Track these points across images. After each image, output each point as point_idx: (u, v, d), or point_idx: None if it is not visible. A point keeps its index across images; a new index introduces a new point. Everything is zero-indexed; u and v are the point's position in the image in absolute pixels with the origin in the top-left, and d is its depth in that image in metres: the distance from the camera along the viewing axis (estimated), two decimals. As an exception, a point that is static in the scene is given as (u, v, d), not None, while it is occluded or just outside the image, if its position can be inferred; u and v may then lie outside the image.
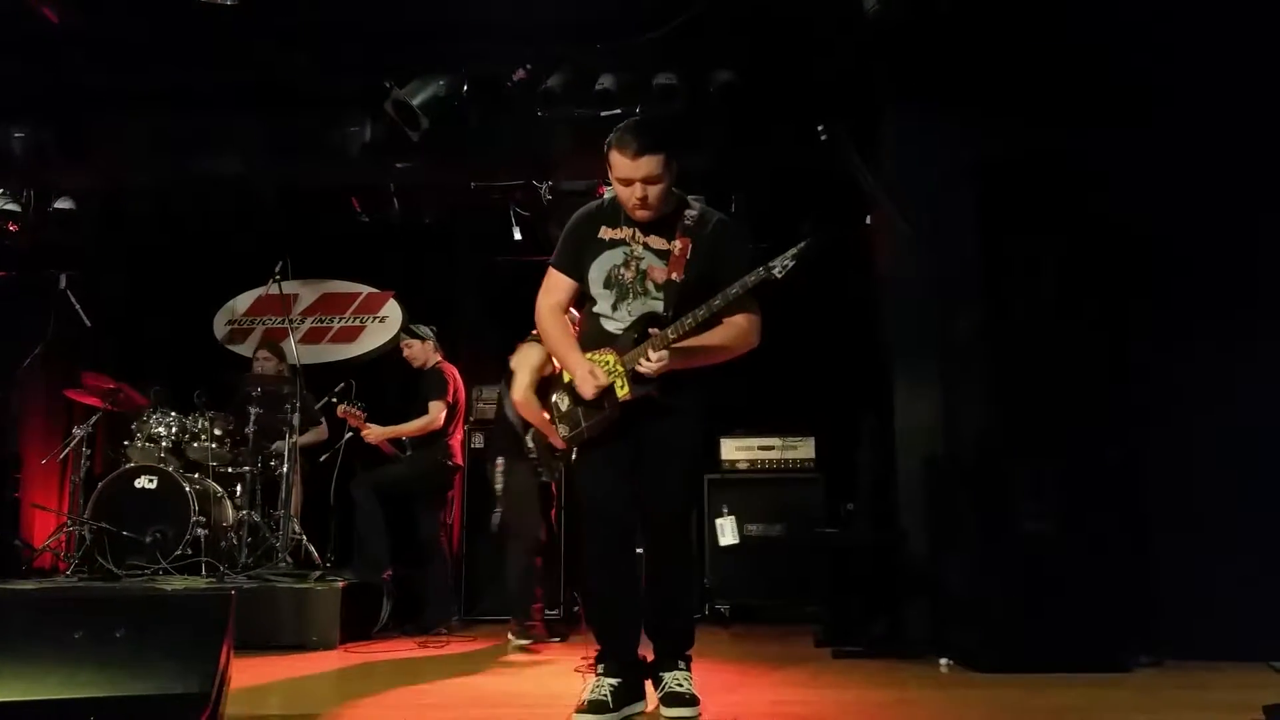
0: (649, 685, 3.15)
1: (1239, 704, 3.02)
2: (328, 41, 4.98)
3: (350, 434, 6.07)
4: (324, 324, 7.38)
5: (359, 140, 5.49)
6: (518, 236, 6.54)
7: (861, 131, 5.11)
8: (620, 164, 2.99)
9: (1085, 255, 4.38)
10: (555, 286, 3.20)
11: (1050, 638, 3.90)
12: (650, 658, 3.17)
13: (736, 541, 5.77)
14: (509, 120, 5.31)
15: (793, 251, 2.83)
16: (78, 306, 6.45)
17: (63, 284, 6.53)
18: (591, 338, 3.13)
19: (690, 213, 3.10)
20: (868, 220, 5.72)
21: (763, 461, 6.10)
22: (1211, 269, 4.37)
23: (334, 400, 6.15)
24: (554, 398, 3.20)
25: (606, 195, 3.24)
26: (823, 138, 5.02)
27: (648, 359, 2.93)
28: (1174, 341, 4.40)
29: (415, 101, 4.92)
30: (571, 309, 3.28)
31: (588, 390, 3.00)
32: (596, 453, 3.10)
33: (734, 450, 6.08)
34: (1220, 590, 4.06)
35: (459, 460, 5.79)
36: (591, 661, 3.20)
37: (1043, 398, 4.24)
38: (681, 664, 3.11)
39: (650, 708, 3.12)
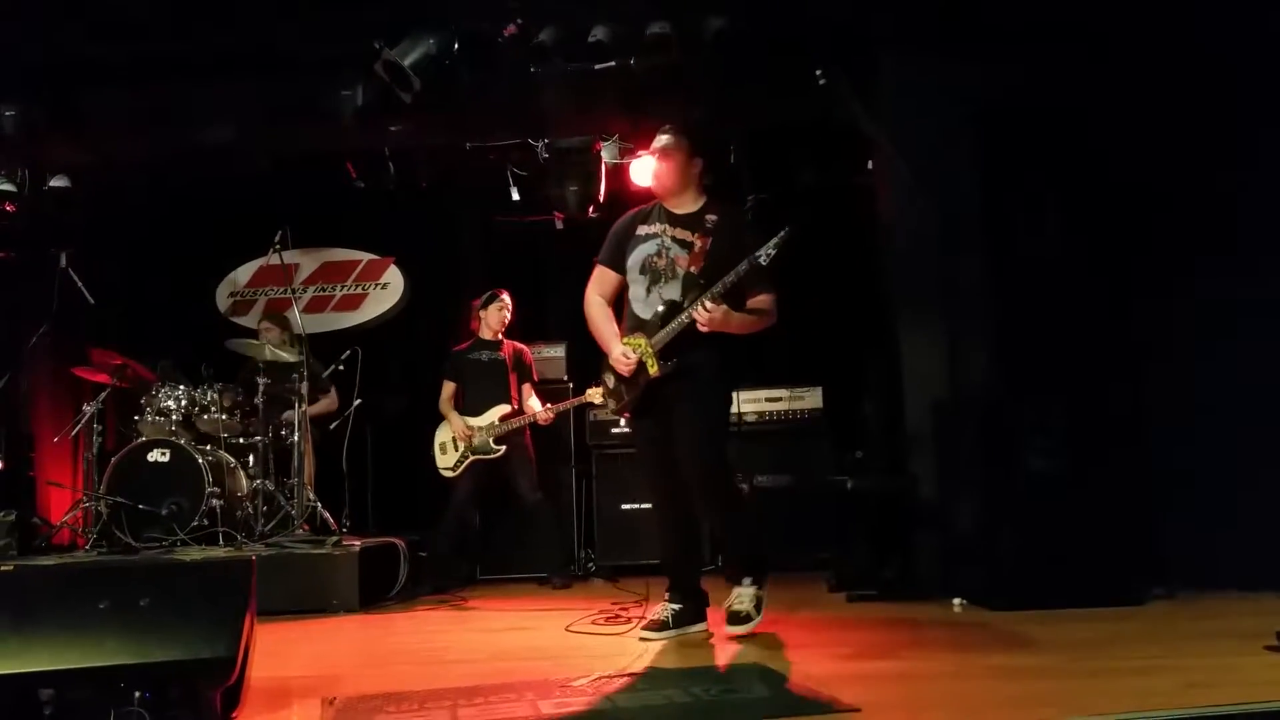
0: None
1: (1252, 632, 3.04)
2: (314, 2, 4.91)
3: (359, 401, 6.07)
4: (326, 293, 7.36)
5: (351, 104, 5.41)
6: (515, 197, 6.48)
7: (860, 79, 5.04)
8: (655, 138, 3.73)
9: (1085, 198, 4.36)
10: (600, 279, 3.80)
11: (1062, 574, 3.93)
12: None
13: None
14: (502, 78, 5.24)
15: (774, 241, 3.33)
16: (80, 284, 6.42)
17: (63, 262, 6.49)
18: (628, 324, 3.69)
19: (711, 217, 3.64)
20: (869, 167, 5.68)
21: (771, 413, 6.11)
22: (1207, 209, 4.35)
23: (340, 368, 6.13)
24: (603, 375, 3.79)
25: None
26: (821, 83, 4.95)
27: (705, 308, 3.35)
28: (1174, 278, 4.39)
29: (406, 62, 4.83)
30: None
31: (623, 368, 3.58)
32: (640, 431, 3.76)
33: (742, 402, 6.06)
34: (1230, 521, 4.08)
35: None
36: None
37: (1047, 338, 4.25)
38: (747, 581, 3.59)
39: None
